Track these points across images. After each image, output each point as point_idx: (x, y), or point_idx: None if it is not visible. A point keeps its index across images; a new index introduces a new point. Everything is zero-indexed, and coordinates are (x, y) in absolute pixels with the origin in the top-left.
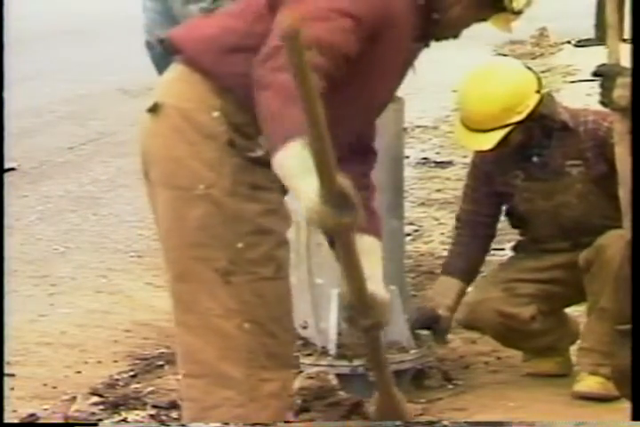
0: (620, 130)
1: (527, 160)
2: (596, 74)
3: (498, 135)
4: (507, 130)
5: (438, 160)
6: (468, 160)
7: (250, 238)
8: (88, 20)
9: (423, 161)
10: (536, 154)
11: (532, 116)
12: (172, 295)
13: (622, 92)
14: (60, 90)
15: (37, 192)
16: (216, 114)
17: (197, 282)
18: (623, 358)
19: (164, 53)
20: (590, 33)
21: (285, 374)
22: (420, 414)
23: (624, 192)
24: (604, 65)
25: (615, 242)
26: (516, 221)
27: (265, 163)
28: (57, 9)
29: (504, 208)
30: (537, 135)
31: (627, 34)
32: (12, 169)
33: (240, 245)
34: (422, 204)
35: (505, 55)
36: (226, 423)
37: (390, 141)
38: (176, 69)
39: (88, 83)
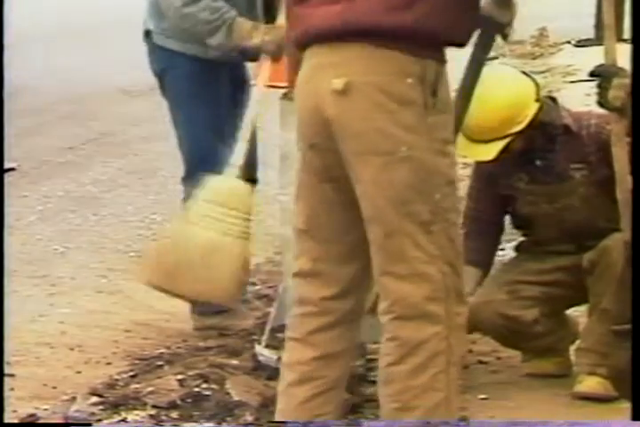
0: (616, 131)
1: (531, 163)
2: (592, 74)
3: (498, 146)
4: (507, 140)
5: None
6: (468, 160)
7: (444, 189)
8: (88, 20)
9: None
10: (539, 158)
11: (532, 125)
12: (382, 250)
13: (618, 92)
14: (60, 90)
15: (37, 192)
16: (410, 80)
17: (404, 236)
18: (619, 358)
19: (152, 44)
20: (590, 33)
21: (466, 307)
22: None
23: (621, 192)
24: (601, 65)
25: (620, 244)
26: (520, 222)
27: (446, 112)
28: (57, 9)
29: (508, 209)
30: (539, 141)
31: (627, 34)
32: (12, 169)
33: (438, 196)
34: None
35: (504, 55)
36: (433, 357)
37: None
38: (348, 50)
39: (88, 83)
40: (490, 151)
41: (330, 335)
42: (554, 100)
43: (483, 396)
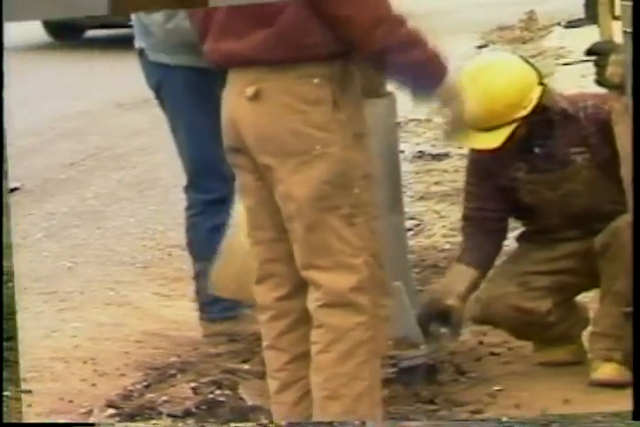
0: (617, 109)
1: (529, 152)
2: (589, 52)
3: (505, 132)
4: (513, 126)
5: (434, 153)
6: (464, 151)
7: (361, 183)
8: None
9: (419, 154)
10: (538, 145)
11: (536, 110)
12: (305, 245)
13: (616, 69)
14: (58, 107)
15: (42, 210)
16: (316, 80)
17: (327, 230)
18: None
19: (145, 61)
20: (579, 13)
21: (390, 300)
22: (435, 410)
23: (626, 171)
24: (597, 43)
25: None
26: (522, 213)
27: (356, 108)
28: None
29: (508, 203)
30: (538, 127)
31: (617, 11)
32: (16, 189)
33: (356, 190)
34: (421, 197)
35: (494, 42)
36: (357, 346)
37: (384, 137)
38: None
39: (85, 99)
40: (496, 138)
41: (294, 336)
42: (548, 86)
43: (497, 387)
